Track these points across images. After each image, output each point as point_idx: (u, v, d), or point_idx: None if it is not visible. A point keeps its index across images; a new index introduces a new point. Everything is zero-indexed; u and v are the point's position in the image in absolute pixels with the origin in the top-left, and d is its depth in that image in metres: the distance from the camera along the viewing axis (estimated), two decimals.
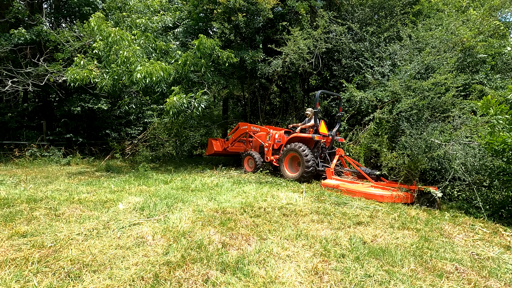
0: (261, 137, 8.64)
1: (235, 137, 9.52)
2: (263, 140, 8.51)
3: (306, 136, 7.24)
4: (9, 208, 4.41)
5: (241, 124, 9.36)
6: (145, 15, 10.83)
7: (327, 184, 6.33)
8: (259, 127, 8.80)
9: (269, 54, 10.30)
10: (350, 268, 2.84)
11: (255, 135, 8.84)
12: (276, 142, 8.13)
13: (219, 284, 2.52)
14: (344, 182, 6.33)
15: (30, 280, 2.48)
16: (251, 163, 8.51)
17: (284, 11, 10.52)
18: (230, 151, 9.87)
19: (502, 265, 3.09)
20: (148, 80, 7.93)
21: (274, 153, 8.13)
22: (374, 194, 5.58)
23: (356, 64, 9.49)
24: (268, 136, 8.24)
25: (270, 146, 8.12)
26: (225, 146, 9.76)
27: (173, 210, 4.49)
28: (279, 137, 8.16)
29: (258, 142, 8.71)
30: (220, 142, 9.89)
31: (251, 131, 8.98)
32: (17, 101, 13.85)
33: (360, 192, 5.69)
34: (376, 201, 5.40)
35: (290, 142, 7.53)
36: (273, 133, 8.19)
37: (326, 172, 6.76)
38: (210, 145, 9.79)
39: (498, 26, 8.61)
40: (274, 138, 8.14)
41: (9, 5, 11.53)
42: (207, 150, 9.98)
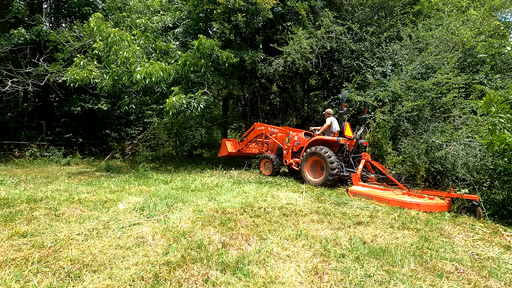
0: (279, 138, 8.24)
1: (251, 138, 9.09)
2: (281, 142, 8.10)
3: (331, 139, 6.80)
4: (9, 208, 4.41)
5: (257, 124, 8.89)
6: (145, 15, 10.83)
7: (355, 191, 5.85)
8: (277, 128, 8.38)
9: (270, 54, 10.30)
10: (350, 268, 2.84)
11: (272, 137, 8.45)
12: (295, 144, 7.74)
13: (219, 284, 2.52)
14: (374, 189, 5.85)
15: (30, 280, 2.48)
16: (268, 166, 8.16)
17: (284, 11, 10.52)
18: (244, 152, 9.48)
19: (502, 265, 3.09)
20: (148, 81, 7.92)
21: (293, 156, 7.76)
22: (410, 202, 5.11)
23: (356, 64, 9.50)
24: (287, 138, 7.86)
25: (289, 148, 7.73)
26: (239, 147, 9.36)
27: (173, 210, 4.49)
28: (299, 139, 7.78)
29: (276, 144, 8.33)
30: (234, 143, 9.49)
31: (268, 132, 8.55)
32: (17, 101, 13.85)
33: (394, 201, 5.23)
34: (412, 209, 4.96)
35: (312, 145, 7.13)
36: (292, 134, 7.81)
37: (353, 178, 6.28)
38: (224, 146, 9.38)
39: (498, 26, 8.62)
40: (293, 140, 7.77)
41: (9, 5, 11.53)
42: (220, 151, 9.54)
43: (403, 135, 7.33)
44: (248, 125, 12.85)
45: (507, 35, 9.48)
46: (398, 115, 7.37)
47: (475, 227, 4.32)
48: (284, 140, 7.94)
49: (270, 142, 8.69)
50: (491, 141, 4.70)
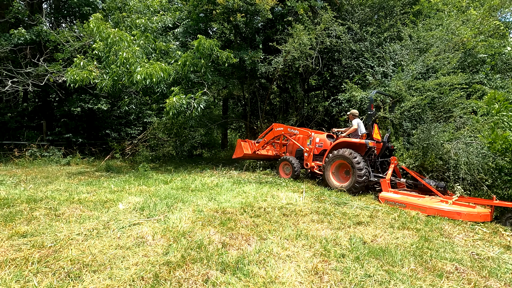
0: (299, 140, 7.88)
1: (268, 139, 8.64)
2: (302, 144, 7.72)
3: (358, 142, 6.41)
4: (9, 208, 4.41)
5: (276, 125, 8.44)
6: (145, 15, 10.83)
7: (386, 198, 5.45)
8: (297, 129, 7.96)
9: (270, 54, 10.30)
10: (350, 268, 2.84)
11: (292, 138, 8.06)
12: (317, 147, 7.37)
13: (219, 284, 2.52)
14: (407, 196, 5.42)
15: (30, 280, 2.48)
16: (287, 169, 7.78)
17: (284, 11, 10.53)
18: (260, 154, 9.04)
19: (502, 265, 3.09)
20: (148, 81, 7.91)
21: (314, 159, 7.38)
22: (449, 211, 4.71)
23: (357, 64, 9.50)
24: (309, 140, 7.47)
25: (311, 151, 7.32)
26: (256, 148, 8.89)
27: (173, 210, 4.49)
28: (321, 141, 7.40)
29: (295, 146, 7.94)
30: (250, 144, 9.02)
31: (287, 133, 8.15)
32: (17, 101, 13.85)
33: (432, 209, 4.83)
34: (451, 219, 4.62)
35: (337, 147, 6.71)
36: (314, 136, 7.44)
37: (382, 184, 5.84)
38: (239, 148, 8.88)
39: (498, 26, 8.62)
40: (315, 142, 7.40)
41: (9, 5, 11.53)
42: (236, 152, 9.07)
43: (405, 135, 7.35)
44: (248, 125, 12.85)
45: (507, 35, 9.48)
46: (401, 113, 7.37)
47: (475, 227, 4.32)
48: (305, 142, 7.57)
49: (289, 144, 8.32)
50: (493, 140, 4.70)
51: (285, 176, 7.69)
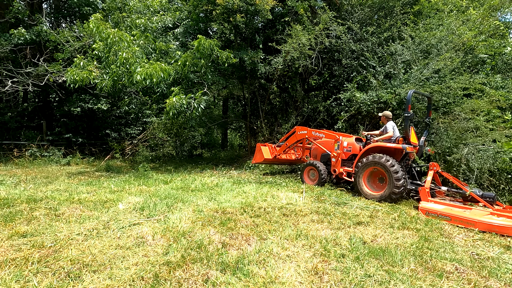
0: (325, 144, 7.38)
1: (290, 143, 8.15)
2: (328, 149, 7.19)
3: (394, 147, 5.88)
4: (9, 208, 4.41)
5: (299, 128, 7.98)
6: (145, 16, 10.83)
7: (427, 209, 4.84)
8: (323, 132, 7.45)
9: (269, 54, 10.30)
10: (350, 268, 2.84)
11: (317, 142, 7.59)
12: (345, 151, 6.86)
13: (219, 284, 2.52)
14: (451, 207, 4.91)
15: (30, 280, 2.48)
16: (313, 174, 7.24)
17: (284, 11, 10.53)
18: (281, 159, 8.58)
19: (502, 265, 3.09)
20: (149, 82, 7.91)
21: (342, 164, 6.90)
22: (505, 226, 4.10)
23: (357, 64, 9.49)
24: (336, 144, 6.95)
25: (339, 156, 6.79)
26: (276, 153, 8.44)
27: (173, 210, 4.49)
28: (349, 145, 6.90)
29: (321, 150, 7.44)
30: (270, 148, 8.55)
31: (311, 136, 7.69)
32: (17, 101, 13.85)
33: (483, 223, 4.22)
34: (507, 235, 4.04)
35: (369, 152, 6.21)
36: (342, 140, 6.95)
37: (420, 193, 5.30)
38: (259, 152, 8.40)
39: (498, 26, 8.62)
40: (343, 146, 6.91)
41: (9, 5, 11.53)
42: (255, 157, 8.57)
43: None
44: (248, 125, 12.85)
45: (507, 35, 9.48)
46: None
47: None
48: (332, 146, 7.03)
49: (313, 148, 7.81)
50: None
51: (310, 182, 7.18)
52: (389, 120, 6.46)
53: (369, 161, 5.91)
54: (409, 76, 7.90)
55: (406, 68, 8.37)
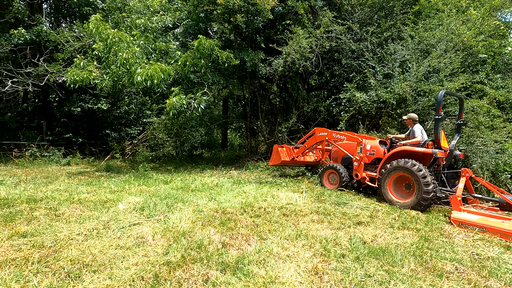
0: (346, 147, 7.05)
1: (309, 145, 7.87)
2: (350, 152, 6.87)
3: (422, 151, 5.48)
4: (9, 208, 4.41)
5: (318, 129, 7.66)
6: (145, 16, 10.83)
7: (460, 220, 4.38)
8: (344, 134, 7.12)
9: (270, 54, 10.30)
10: (350, 268, 2.84)
11: (337, 144, 7.30)
12: (367, 155, 6.51)
13: (219, 284, 2.52)
14: (488, 218, 4.45)
15: (30, 280, 2.48)
16: (333, 178, 6.94)
17: (284, 11, 10.53)
18: (299, 161, 8.36)
19: (502, 265, 3.09)
20: (149, 83, 7.90)
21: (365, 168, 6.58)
22: None
23: (357, 64, 9.50)
24: (359, 147, 6.64)
25: (362, 159, 6.46)
26: (294, 155, 8.18)
27: (173, 210, 4.50)
28: (372, 148, 6.51)
29: (341, 152, 7.14)
30: (288, 150, 8.33)
31: (331, 138, 7.38)
32: (17, 101, 13.85)
33: None
34: None
35: (395, 157, 5.82)
36: (365, 143, 6.63)
37: (452, 202, 4.89)
38: (276, 154, 8.18)
39: (498, 26, 8.63)
40: (366, 149, 6.59)
41: (9, 5, 11.52)
42: (272, 159, 8.34)
43: None
44: (248, 125, 12.85)
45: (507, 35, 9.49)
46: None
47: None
48: (354, 149, 6.71)
49: (333, 150, 7.51)
50: None
51: (330, 186, 6.87)
52: (415, 122, 6.06)
53: (395, 166, 5.52)
54: (408, 76, 7.91)
55: (406, 68, 8.38)
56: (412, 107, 7.35)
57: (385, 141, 6.68)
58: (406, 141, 5.92)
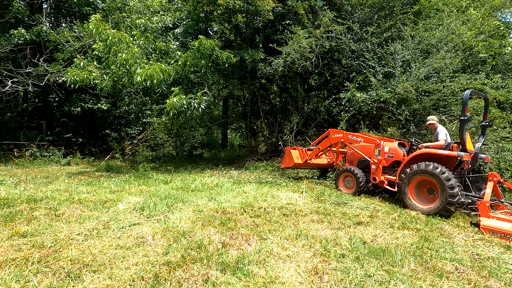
0: (362, 149, 6.82)
1: (323, 147, 7.56)
2: (367, 154, 6.65)
3: (446, 154, 5.20)
4: (9, 208, 4.41)
5: (333, 131, 7.34)
6: (145, 16, 10.83)
7: (490, 228, 4.11)
8: (361, 135, 6.80)
9: (270, 54, 10.30)
10: (350, 268, 2.84)
11: (354, 146, 7.04)
12: (386, 157, 6.26)
13: (219, 284, 2.52)
14: None
15: (30, 280, 2.48)
16: (349, 182, 6.63)
17: (284, 11, 10.53)
18: (312, 164, 8.06)
19: (502, 265, 3.09)
20: (149, 83, 7.90)
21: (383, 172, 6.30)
22: None
23: (357, 64, 9.50)
24: (377, 150, 6.34)
25: (379, 162, 6.15)
26: (308, 157, 7.88)
27: (173, 210, 4.50)
28: (391, 151, 6.26)
29: (357, 155, 6.92)
30: (301, 152, 8.05)
31: (347, 140, 7.05)
32: (17, 101, 13.84)
33: None
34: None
35: (416, 160, 5.54)
36: (383, 145, 6.34)
37: (479, 208, 4.64)
38: (289, 156, 7.90)
39: (498, 26, 8.63)
40: (384, 152, 6.33)
41: (9, 5, 11.52)
42: (284, 161, 8.08)
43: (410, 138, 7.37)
44: (248, 125, 12.85)
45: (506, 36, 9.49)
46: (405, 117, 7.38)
47: (475, 228, 4.32)
48: (372, 152, 6.43)
49: (349, 153, 7.28)
50: None
51: (346, 190, 6.58)
52: (438, 124, 5.80)
53: (417, 169, 5.24)
54: (408, 76, 7.91)
55: (406, 68, 8.38)
56: (413, 106, 7.34)
57: (404, 143, 6.48)
58: (429, 144, 5.63)
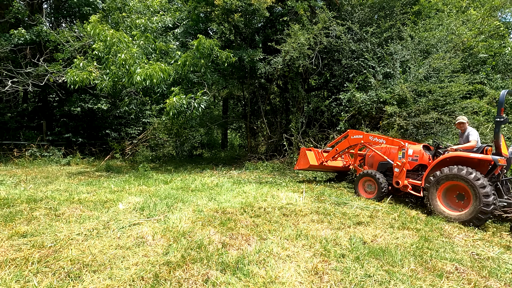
0: (384, 151, 6.47)
1: (341, 148, 7.16)
2: (390, 156, 6.28)
3: (480, 158, 4.87)
4: (9, 208, 4.41)
5: (352, 132, 6.97)
6: (145, 16, 10.83)
7: None
8: (383, 137, 6.43)
9: (269, 54, 10.31)
10: (350, 268, 2.84)
11: (375, 148, 6.66)
12: (410, 160, 5.91)
13: (219, 284, 2.52)
14: None
15: (30, 280, 2.48)
16: (370, 187, 6.24)
17: (284, 11, 10.54)
18: (328, 166, 7.67)
19: (502, 265, 3.09)
20: (148, 82, 7.91)
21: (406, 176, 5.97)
22: None
23: (357, 64, 9.50)
24: (400, 152, 6.02)
25: (403, 165, 5.83)
26: (324, 159, 7.50)
27: (173, 210, 4.50)
28: (415, 154, 5.91)
29: (378, 157, 6.55)
30: (316, 153, 7.69)
31: (368, 142, 6.68)
32: (17, 101, 13.84)
33: None
34: None
35: (445, 164, 5.21)
36: (407, 147, 6.01)
37: None
38: (304, 158, 7.55)
39: (498, 26, 8.64)
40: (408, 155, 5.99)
41: (9, 5, 11.52)
42: (299, 163, 7.71)
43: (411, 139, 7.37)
44: (248, 125, 12.85)
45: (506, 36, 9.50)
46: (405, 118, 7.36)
47: (475, 228, 4.32)
48: (394, 154, 6.12)
49: (369, 155, 6.90)
50: None
51: (366, 195, 6.18)
52: (468, 125, 5.44)
53: (446, 173, 4.93)
54: (408, 76, 7.91)
55: (405, 68, 8.38)
56: (412, 107, 7.35)
57: (429, 146, 6.16)
58: (459, 146, 5.30)
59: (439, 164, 5.27)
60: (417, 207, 5.45)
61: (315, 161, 7.45)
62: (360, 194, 6.28)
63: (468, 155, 4.97)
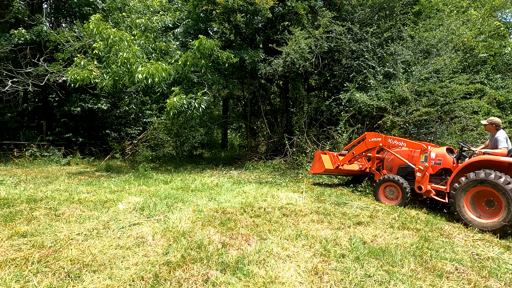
0: (404, 154, 6.13)
1: (358, 151, 6.79)
2: (409, 160, 5.94)
3: (510, 162, 4.56)
4: (9, 208, 4.41)
5: (370, 134, 6.58)
6: (145, 16, 10.83)
7: None
8: (403, 140, 6.03)
9: (270, 54, 10.30)
10: (350, 268, 2.84)
11: (394, 151, 6.30)
12: (433, 164, 5.59)
13: (219, 284, 2.52)
14: None
15: (30, 280, 2.48)
16: (391, 192, 5.87)
17: (284, 11, 10.53)
18: (344, 170, 7.27)
19: (502, 265, 3.09)
20: (150, 81, 7.90)
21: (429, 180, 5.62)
22: None
23: (357, 64, 9.50)
24: (423, 155, 5.65)
25: (426, 170, 5.45)
26: (340, 163, 7.13)
27: (173, 210, 4.50)
28: (438, 157, 5.60)
29: (398, 161, 6.18)
30: (332, 157, 7.33)
31: (387, 145, 6.29)
32: (17, 101, 13.84)
33: None
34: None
35: (472, 168, 4.91)
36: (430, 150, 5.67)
37: None
38: (319, 161, 7.20)
39: (499, 26, 8.64)
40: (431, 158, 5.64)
41: (9, 5, 11.52)
42: (314, 167, 7.35)
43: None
44: (248, 125, 12.85)
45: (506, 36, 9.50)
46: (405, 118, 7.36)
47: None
48: (416, 158, 5.77)
49: (389, 159, 6.52)
50: None
51: (389, 202, 5.77)
52: (498, 128, 5.01)
53: (474, 178, 4.60)
54: (408, 76, 7.91)
55: (406, 68, 8.38)
56: (412, 107, 7.35)
57: (452, 148, 5.88)
58: (487, 150, 4.98)
59: (466, 168, 4.94)
60: (418, 207, 5.44)
61: (330, 165, 7.11)
62: (380, 200, 5.88)
63: (497, 158, 4.65)
